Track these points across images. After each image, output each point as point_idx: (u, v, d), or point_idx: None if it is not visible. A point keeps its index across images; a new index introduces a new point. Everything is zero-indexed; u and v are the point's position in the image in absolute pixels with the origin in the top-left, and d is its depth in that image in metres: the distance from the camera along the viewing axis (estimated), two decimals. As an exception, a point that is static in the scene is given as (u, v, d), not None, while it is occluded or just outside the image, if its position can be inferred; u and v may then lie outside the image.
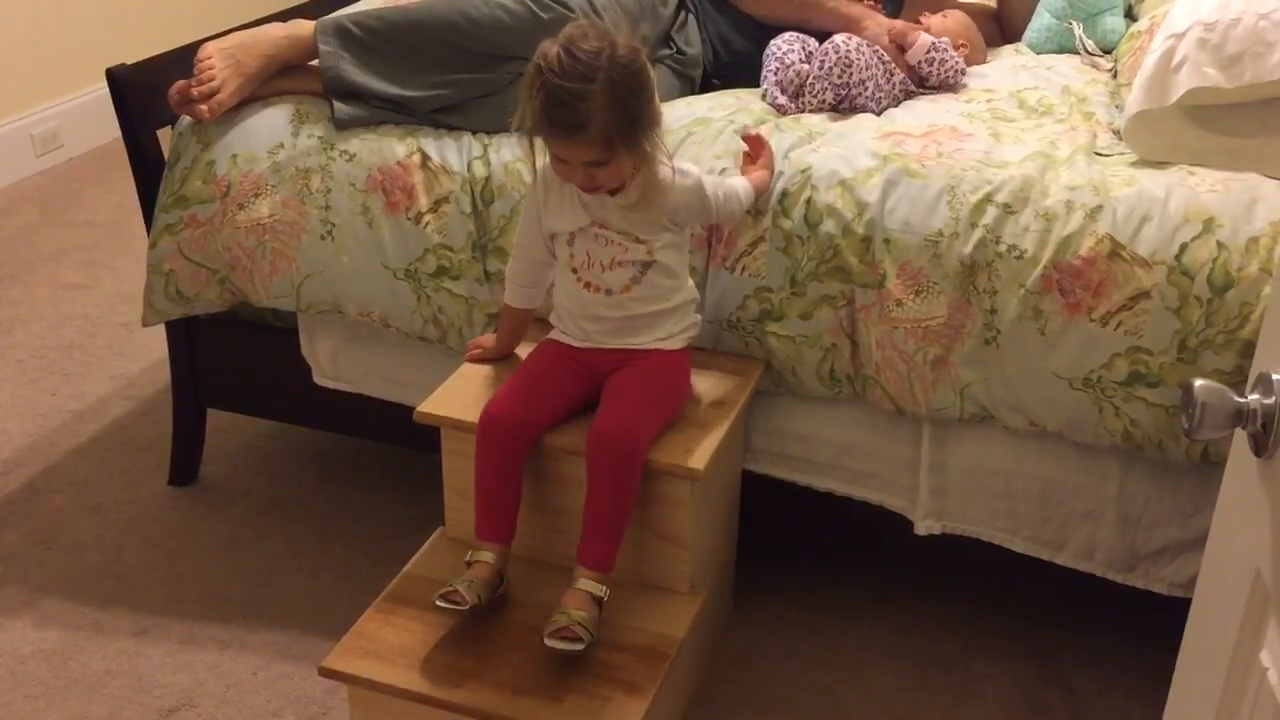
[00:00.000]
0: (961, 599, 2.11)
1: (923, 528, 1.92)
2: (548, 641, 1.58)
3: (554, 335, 1.83)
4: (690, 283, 1.82)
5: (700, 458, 1.69)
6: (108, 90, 2.09)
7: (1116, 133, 2.02)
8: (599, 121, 1.57)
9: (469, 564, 1.68)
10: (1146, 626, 1.94)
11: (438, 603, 1.61)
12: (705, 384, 1.85)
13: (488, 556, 1.68)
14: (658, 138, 1.65)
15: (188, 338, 2.26)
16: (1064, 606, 2.07)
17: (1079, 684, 1.95)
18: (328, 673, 1.63)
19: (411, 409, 1.84)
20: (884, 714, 1.89)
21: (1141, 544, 1.83)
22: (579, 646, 1.58)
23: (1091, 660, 1.99)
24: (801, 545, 2.18)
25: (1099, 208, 1.74)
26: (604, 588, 1.64)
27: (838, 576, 2.15)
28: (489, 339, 1.92)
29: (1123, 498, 1.82)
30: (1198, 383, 0.93)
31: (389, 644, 1.65)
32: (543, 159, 1.70)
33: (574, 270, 1.75)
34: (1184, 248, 1.69)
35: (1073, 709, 1.90)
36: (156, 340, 2.76)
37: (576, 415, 1.78)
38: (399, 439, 2.18)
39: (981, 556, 1.93)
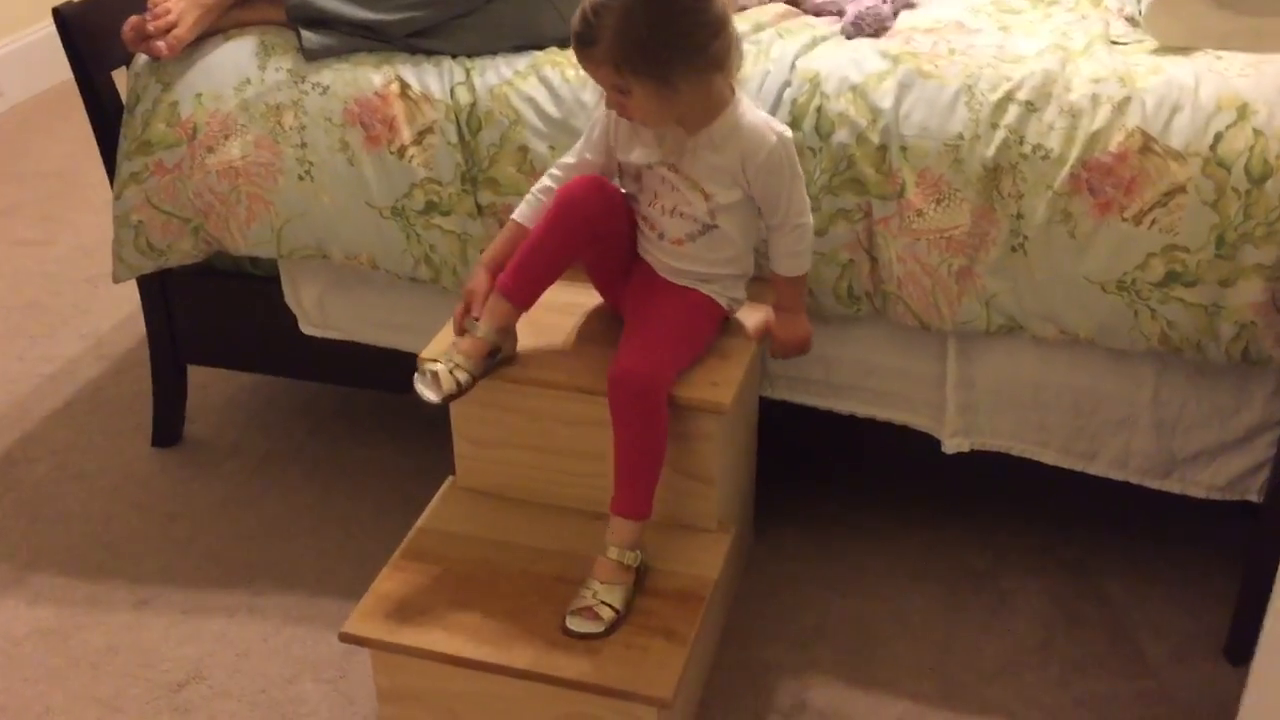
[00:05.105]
0: (985, 515, 2.05)
1: (951, 446, 1.85)
2: (567, 621, 1.52)
3: None
4: (751, 259, 1.72)
5: (726, 391, 1.61)
6: (53, 31, 1.94)
7: (1130, 19, 1.93)
8: (606, 40, 1.48)
9: (464, 332, 1.62)
10: (1176, 531, 1.89)
11: (418, 387, 1.58)
12: (721, 311, 1.76)
13: (485, 330, 1.61)
14: (704, 79, 1.52)
15: (161, 291, 2.13)
16: (1090, 516, 2.03)
17: (1113, 593, 1.90)
18: (349, 638, 1.55)
19: (406, 354, 1.74)
20: (919, 637, 1.84)
21: (1179, 448, 1.77)
22: (599, 629, 1.51)
23: (1124, 568, 1.94)
24: (818, 471, 2.12)
25: (1127, 99, 1.65)
26: (635, 554, 1.56)
27: (857, 502, 2.09)
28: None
29: (1158, 402, 1.76)
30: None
31: (410, 604, 1.57)
32: None
33: (636, 198, 1.68)
34: (1219, 137, 1.61)
35: (1109, 619, 1.86)
36: (124, 294, 2.62)
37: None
38: (395, 386, 2.07)
39: (1001, 471, 1.87)
